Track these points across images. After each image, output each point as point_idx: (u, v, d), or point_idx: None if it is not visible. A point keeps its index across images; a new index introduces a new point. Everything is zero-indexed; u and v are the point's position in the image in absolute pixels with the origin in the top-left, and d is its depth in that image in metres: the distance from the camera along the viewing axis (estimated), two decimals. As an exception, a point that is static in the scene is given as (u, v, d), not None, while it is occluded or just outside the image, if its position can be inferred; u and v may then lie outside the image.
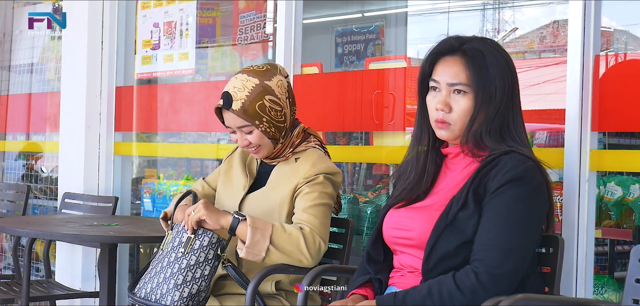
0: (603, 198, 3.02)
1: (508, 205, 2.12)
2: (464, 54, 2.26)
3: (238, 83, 2.70)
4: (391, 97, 3.34)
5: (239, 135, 2.73)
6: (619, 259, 3.56)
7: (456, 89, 2.25)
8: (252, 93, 2.67)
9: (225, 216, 2.58)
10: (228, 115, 2.70)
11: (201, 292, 2.59)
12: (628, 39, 3.57)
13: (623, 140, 3.47)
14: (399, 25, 4.47)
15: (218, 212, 2.60)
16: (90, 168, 4.61)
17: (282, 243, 2.55)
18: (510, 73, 2.27)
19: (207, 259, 2.59)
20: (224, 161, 2.97)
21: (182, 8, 4.33)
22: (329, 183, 2.69)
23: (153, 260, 2.70)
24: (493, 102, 2.22)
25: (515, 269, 2.10)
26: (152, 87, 4.59)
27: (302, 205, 2.65)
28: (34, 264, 5.16)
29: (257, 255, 2.54)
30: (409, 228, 2.28)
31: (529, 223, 2.14)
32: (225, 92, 2.70)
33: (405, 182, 2.38)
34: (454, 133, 2.27)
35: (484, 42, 2.30)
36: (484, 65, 2.22)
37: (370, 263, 2.39)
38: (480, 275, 2.07)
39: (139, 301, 2.61)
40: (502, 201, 2.12)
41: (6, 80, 5.85)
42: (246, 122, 2.68)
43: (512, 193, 2.12)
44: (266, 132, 2.70)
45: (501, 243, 2.09)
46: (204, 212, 2.57)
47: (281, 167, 2.78)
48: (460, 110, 2.24)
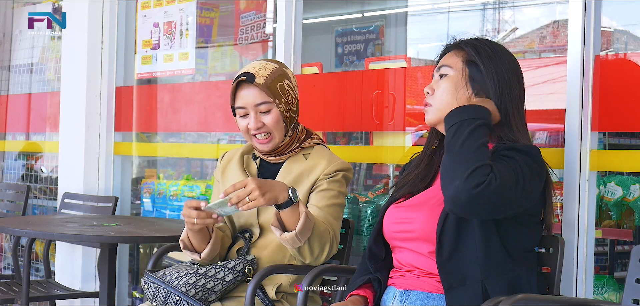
0: (603, 198, 3.02)
1: (513, 158, 2.13)
2: (459, 47, 2.32)
3: (258, 65, 2.70)
4: (391, 97, 3.34)
5: (253, 117, 2.66)
6: (619, 259, 3.56)
7: (441, 74, 2.32)
8: (274, 74, 2.68)
9: (281, 191, 2.45)
10: (248, 91, 2.66)
11: (213, 292, 2.59)
12: (628, 39, 3.57)
13: (623, 140, 3.47)
14: (399, 25, 4.47)
15: (272, 188, 2.43)
16: (90, 168, 4.61)
17: (315, 242, 2.54)
18: (508, 68, 2.28)
19: (234, 268, 2.60)
20: (217, 174, 2.90)
21: (182, 8, 4.33)
22: (345, 182, 2.71)
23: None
24: (477, 84, 2.26)
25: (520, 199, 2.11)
26: (152, 87, 4.59)
27: (320, 202, 2.65)
28: (34, 264, 5.16)
29: (297, 243, 2.49)
30: (410, 221, 2.29)
31: (530, 179, 2.14)
32: (244, 72, 2.67)
33: (408, 178, 2.40)
34: (434, 114, 2.30)
35: (486, 41, 2.34)
36: (476, 54, 2.27)
37: (372, 259, 2.39)
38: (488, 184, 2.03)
39: (154, 280, 2.61)
40: (508, 156, 2.14)
41: (6, 80, 5.85)
42: (267, 99, 2.65)
43: (516, 154, 2.14)
44: (283, 115, 2.68)
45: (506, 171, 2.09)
46: (262, 201, 2.38)
47: (290, 165, 2.74)
48: (440, 90, 2.29)
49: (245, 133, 2.72)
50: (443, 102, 2.29)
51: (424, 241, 2.24)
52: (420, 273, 2.26)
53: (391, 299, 2.30)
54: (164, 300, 2.57)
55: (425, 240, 2.23)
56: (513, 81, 2.28)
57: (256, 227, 2.74)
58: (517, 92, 2.29)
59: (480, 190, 2.02)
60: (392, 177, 3.77)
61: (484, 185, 2.02)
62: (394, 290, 2.31)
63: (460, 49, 2.32)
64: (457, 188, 2.03)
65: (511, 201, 2.09)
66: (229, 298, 2.69)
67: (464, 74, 2.28)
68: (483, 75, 2.26)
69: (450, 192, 2.06)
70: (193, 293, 2.55)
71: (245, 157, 2.84)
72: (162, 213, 4.36)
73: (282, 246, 2.66)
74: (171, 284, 2.57)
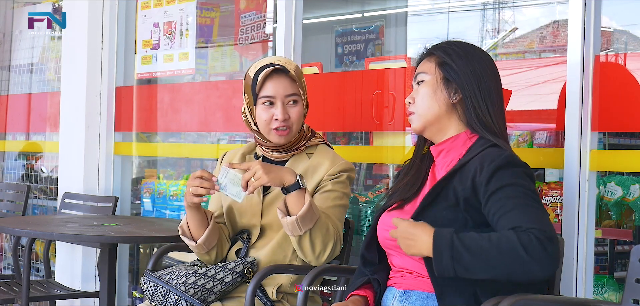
0: (603, 198, 3.01)
1: (512, 184, 2.11)
2: (431, 53, 2.36)
3: (283, 59, 2.75)
4: (391, 97, 3.34)
5: (280, 108, 2.65)
6: (619, 259, 3.55)
7: (418, 81, 2.35)
8: (298, 69, 2.75)
9: (287, 174, 2.48)
10: (279, 81, 2.67)
11: (212, 293, 2.59)
12: (628, 39, 3.57)
13: (623, 140, 3.46)
14: (399, 25, 4.47)
15: (278, 169, 2.48)
16: (90, 168, 4.61)
17: (317, 237, 2.54)
18: (480, 64, 2.29)
19: (234, 269, 2.61)
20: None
21: (182, 8, 4.33)
22: (348, 182, 2.71)
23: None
24: (452, 82, 2.28)
25: (552, 231, 2.06)
26: (152, 87, 4.59)
27: (324, 203, 2.65)
28: (34, 264, 5.16)
29: (297, 231, 2.50)
30: None
31: (535, 194, 2.14)
32: (274, 63, 2.68)
33: (399, 185, 2.40)
34: (419, 121, 2.33)
35: (456, 42, 2.36)
36: (446, 56, 2.30)
37: (366, 265, 2.41)
38: (538, 236, 2.00)
39: (153, 279, 2.61)
40: (503, 183, 2.12)
41: (6, 80, 5.85)
42: (298, 90, 2.69)
43: (508, 173, 2.13)
44: (304, 109, 2.73)
45: (532, 215, 2.06)
46: (265, 179, 2.42)
47: (294, 164, 2.74)
48: (419, 97, 2.33)
49: (266, 125, 2.69)
50: (424, 107, 2.32)
51: None
52: (419, 274, 2.26)
53: (391, 299, 2.30)
54: (163, 299, 2.57)
55: None
56: (487, 76, 2.29)
57: (257, 227, 2.73)
58: (492, 86, 2.29)
59: (541, 252, 1.99)
60: (391, 177, 3.77)
61: (538, 245, 1.99)
62: (394, 290, 2.31)
63: (431, 54, 2.36)
64: (539, 272, 2.00)
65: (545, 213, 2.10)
66: (229, 298, 2.68)
67: (438, 76, 2.31)
68: (457, 74, 2.28)
69: (541, 277, 2.02)
70: (192, 293, 2.55)
71: (246, 157, 2.84)
72: (162, 213, 4.36)
73: (282, 246, 2.66)
74: (170, 283, 2.57)
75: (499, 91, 2.32)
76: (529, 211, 2.07)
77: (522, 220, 2.04)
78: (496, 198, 2.11)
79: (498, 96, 2.31)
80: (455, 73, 2.28)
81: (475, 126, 2.27)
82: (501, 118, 2.30)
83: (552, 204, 2.86)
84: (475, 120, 2.26)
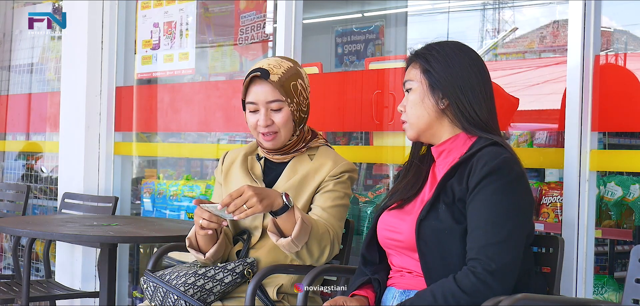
0: (603, 198, 3.01)
1: (490, 200, 2.12)
2: (414, 58, 2.35)
3: (273, 62, 2.69)
4: (391, 97, 3.34)
5: (263, 114, 2.65)
6: (619, 259, 3.55)
7: (407, 89, 2.35)
8: (288, 73, 2.67)
9: (276, 197, 2.44)
10: (260, 88, 2.65)
11: (212, 293, 2.59)
12: (628, 39, 3.56)
13: (623, 140, 3.46)
14: (399, 25, 4.47)
15: (268, 195, 2.42)
16: (90, 168, 4.61)
17: (314, 245, 2.54)
18: (462, 64, 2.28)
19: (233, 270, 2.61)
20: (219, 175, 2.88)
21: (182, 8, 4.33)
22: (350, 183, 2.71)
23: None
24: (437, 89, 2.27)
25: (511, 260, 2.09)
26: (152, 87, 4.59)
27: (325, 202, 2.64)
28: (34, 264, 5.16)
29: (294, 249, 2.50)
30: (398, 230, 2.30)
31: (514, 213, 2.13)
32: (259, 68, 2.65)
33: (399, 186, 2.40)
34: (412, 130, 2.34)
35: (435, 45, 2.35)
36: (426, 63, 2.30)
37: (366, 265, 2.41)
38: (478, 274, 2.06)
39: (152, 279, 2.61)
40: (484, 197, 2.13)
41: (6, 80, 5.85)
42: (280, 97, 2.64)
43: (491, 187, 2.13)
44: (293, 114, 2.67)
45: (490, 239, 2.09)
46: (260, 208, 2.38)
47: (295, 165, 2.73)
48: (409, 105, 2.33)
49: (253, 129, 2.71)
50: (414, 116, 2.32)
51: (411, 249, 2.24)
52: (418, 274, 2.26)
53: (391, 299, 2.30)
54: (163, 299, 2.57)
55: (412, 248, 2.23)
56: (471, 75, 2.27)
57: (259, 229, 2.73)
58: (475, 83, 2.27)
59: (479, 286, 2.06)
60: (392, 177, 3.77)
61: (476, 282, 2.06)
62: (394, 290, 2.31)
63: (415, 61, 2.34)
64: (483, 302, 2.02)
65: (520, 237, 2.14)
66: (229, 298, 2.68)
67: (424, 84, 2.30)
68: (438, 82, 2.27)
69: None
70: (191, 293, 2.55)
71: (249, 158, 2.83)
72: (162, 213, 4.36)
73: None
74: (170, 283, 2.56)
75: (484, 84, 2.29)
76: (493, 231, 2.09)
77: (479, 243, 2.09)
78: (473, 207, 2.14)
79: (482, 90, 2.28)
80: (437, 81, 2.27)
81: (468, 128, 2.26)
82: (488, 111, 2.28)
83: (552, 204, 2.86)
84: (466, 123, 2.26)
